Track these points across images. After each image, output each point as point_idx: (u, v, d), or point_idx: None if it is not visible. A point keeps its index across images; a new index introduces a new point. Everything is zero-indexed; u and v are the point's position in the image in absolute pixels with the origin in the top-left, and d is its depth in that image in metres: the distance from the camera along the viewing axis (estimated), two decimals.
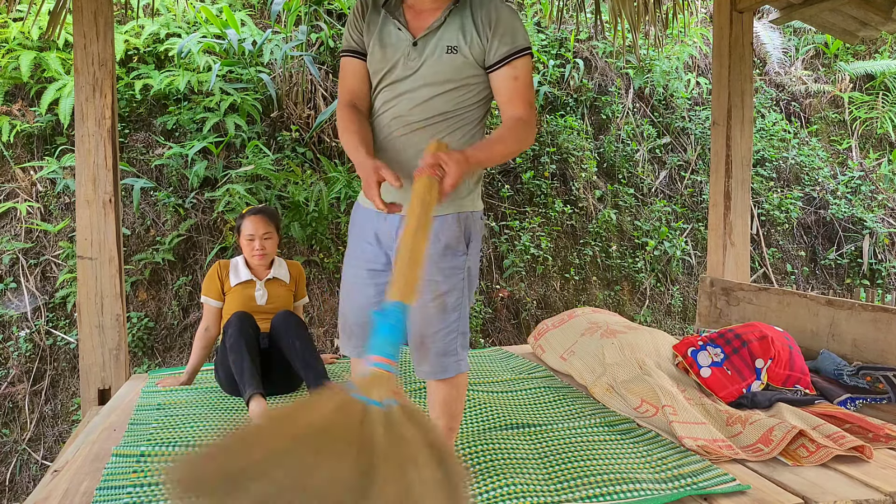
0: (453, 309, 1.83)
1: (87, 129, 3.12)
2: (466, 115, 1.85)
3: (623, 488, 1.87)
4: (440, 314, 1.82)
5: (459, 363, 1.86)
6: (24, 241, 4.37)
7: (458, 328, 1.84)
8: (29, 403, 4.13)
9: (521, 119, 1.79)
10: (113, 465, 2.08)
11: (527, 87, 1.80)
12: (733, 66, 3.88)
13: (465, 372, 1.89)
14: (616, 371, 2.72)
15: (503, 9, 1.79)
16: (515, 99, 1.80)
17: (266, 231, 2.88)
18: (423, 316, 1.83)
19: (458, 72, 1.80)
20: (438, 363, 1.85)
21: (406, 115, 1.83)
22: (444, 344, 1.83)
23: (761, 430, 2.19)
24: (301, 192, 4.61)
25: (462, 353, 1.87)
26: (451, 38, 1.79)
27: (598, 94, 6.20)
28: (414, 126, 1.82)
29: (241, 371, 2.52)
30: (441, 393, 1.89)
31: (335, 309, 4.73)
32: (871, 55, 7.40)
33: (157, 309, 4.44)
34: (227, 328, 2.66)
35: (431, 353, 1.85)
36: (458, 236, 1.83)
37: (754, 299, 3.45)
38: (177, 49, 4.72)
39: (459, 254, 1.83)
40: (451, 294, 1.82)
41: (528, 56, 1.80)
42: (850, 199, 6.42)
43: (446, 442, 1.75)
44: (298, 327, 2.69)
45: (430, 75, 1.81)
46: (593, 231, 5.56)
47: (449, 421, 1.91)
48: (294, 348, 2.63)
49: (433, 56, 1.79)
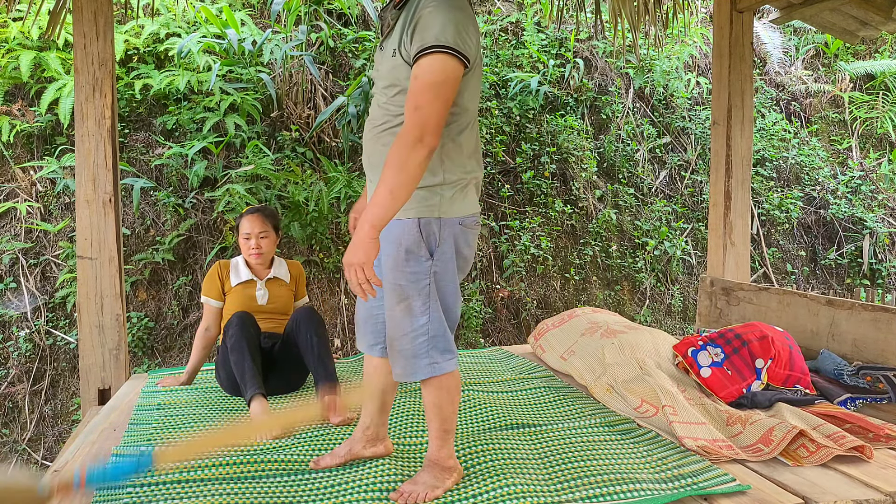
0: (421, 313, 1.82)
1: (86, 128, 3.12)
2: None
3: (623, 488, 1.87)
4: (406, 318, 1.82)
5: (433, 366, 1.84)
6: (24, 240, 4.37)
7: (427, 332, 1.82)
8: (29, 403, 4.13)
9: (406, 138, 1.65)
10: (113, 464, 2.08)
11: (423, 89, 1.64)
12: (733, 66, 3.88)
13: (444, 374, 1.86)
14: (616, 371, 2.72)
15: (428, 5, 1.69)
16: (408, 101, 1.67)
17: (262, 230, 2.88)
18: (390, 319, 1.86)
19: (396, 73, 1.77)
20: (408, 365, 1.85)
21: (370, 119, 1.90)
22: (413, 347, 1.83)
23: (761, 431, 2.19)
24: (301, 191, 4.61)
25: (437, 356, 1.84)
26: (395, 40, 1.78)
27: (598, 94, 6.20)
28: (372, 130, 1.89)
29: (243, 371, 2.52)
30: (428, 396, 1.90)
31: (335, 309, 4.73)
32: (871, 55, 7.40)
33: (156, 309, 4.44)
34: (228, 328, 2.65)
35: (399, 356, 1.86)
36: (419, 242, 1.79)
37: (754, 299, 3.44)
38: (177, 49, 4.72)
39: (423, 259, 1.80)
40: (416, 299, 1.81)
41: (435, 54, 1.64)
42: (850, 198, 6.42)
43: None
44: (319, 325, 2.70)
45: (380, 78, 1.85)
46: (593, 231, 5.56)
47: (441, 423, 1.91)
48: (311, 343, 2.64)
49: (386, 59, 1.82)
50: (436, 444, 1.93)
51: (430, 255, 1.81)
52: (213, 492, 1.89)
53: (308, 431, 2.38)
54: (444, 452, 1.93)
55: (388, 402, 2.12)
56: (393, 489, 1.89)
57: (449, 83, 1.66)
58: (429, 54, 1.65)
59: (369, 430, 2.11)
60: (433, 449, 1.94)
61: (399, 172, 1.65)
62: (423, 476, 1.91)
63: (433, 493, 1.85)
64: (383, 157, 1.75)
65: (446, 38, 1.64)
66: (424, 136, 1.65)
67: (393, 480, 1.94)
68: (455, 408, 1.92)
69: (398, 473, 1.99)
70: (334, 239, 4.84)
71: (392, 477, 1.95)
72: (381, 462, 2.06)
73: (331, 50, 5.39)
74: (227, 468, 2.02)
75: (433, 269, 1.82)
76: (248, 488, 1.91)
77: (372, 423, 2.11)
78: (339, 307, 4.73)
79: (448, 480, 1.90)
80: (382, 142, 1.84)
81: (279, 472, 2.03)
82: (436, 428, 1.92)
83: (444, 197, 1.81)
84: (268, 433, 2.30)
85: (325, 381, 2.57)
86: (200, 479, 1.97)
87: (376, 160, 1.86)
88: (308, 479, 1.99)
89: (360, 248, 1.67)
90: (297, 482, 1.97)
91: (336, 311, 4.73)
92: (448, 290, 1.86)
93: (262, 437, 2.30)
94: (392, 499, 1.85)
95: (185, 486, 1.92)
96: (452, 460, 1.95)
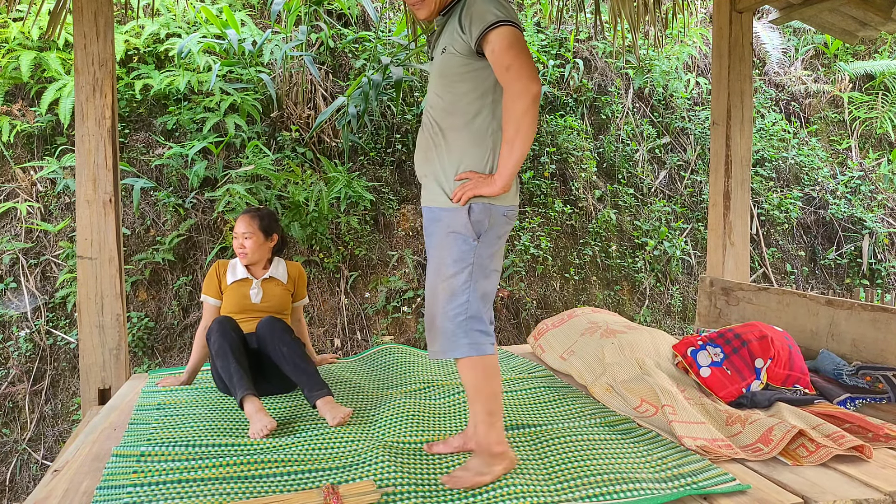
0: (462, 292, 1.92)
1: (87, 129, 3.12)
2: (462, 104, 1.95)
3: (623, 488, 1.87)
4: (447, 296, 1.93)
5: (472, 346, 1.91)
6: (24, 241, 4.37)
7: (466, 311, 1.92)
8: (29, 403, 4.13)
9: (508, 94, 1.85)
10: (113, 464, 2.08)
11: (503, 52, 1.84)
12: (733, 67, 3.88)
13: (482, 356, 1.93)
14: (616, 371, 2.72)
15: (475, 2, 1.90)
16: (498, 70, 1.86)
17: (246, 230, 2.89)
18: (433, 297, 1.96)
19: (447, 64, 1.96)
20: (447, 342, 1.93)
21: (425, 126, 2.07)
22: (454, 325, 1.92)
23: (761, 430, 2.19)
24: (301, 192, 4.61)
25: (477, 336, 1.92)
26: (444, 40, 1.99)
27: (598, 95, 6.20)
28: (430, 129, 2.04)
29: (230, 375, 2.51)
30: (467, 377, 1.96)
31: (335, 309, 4.73)
32: (870, 55, 7.40)
33: (157, 309, 4.44)
34: (210, 335, 2.64)
35: (440, 334, 1.94)
36: (467, 225, 1.92)
37: (754, 299, 3.45)
38: (177, 49, 4.72)
39: (470, 240, 1.93)
40: (458, 278, 1.92)
41: (500, 27, 1.84)
42: (849, 198, 6.42)
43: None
44: (283, 332, 2.67)
45: (432, 83, 2.04)
46: (593, 231, 5.57)
47: (483, 405, 1.95)
48: (281, 354, 2.62)
49: (436, 62, 2.03)
50: (482, 428, 1.96)
51: (476, 237, 1.93)
52: (212, 492, 1.89)
53: (307, 431, 2.38)
54: (491, 437, 1.95)
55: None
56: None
57: (521, 42, 1.86)
58: (495, 28, 1.84)
59: None
60: (481, 434, 1.96)
61: (513, 125, 1.85)
62: (472, 462, 1.95)
63: (480, 479, 1.88)
64: (439, 143, 1.97)
65: (504, 14, 1.86)
66: (526, 84, 1.82)
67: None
68: (497, 390, 1.97)
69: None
70: (334, 239, 4.84)
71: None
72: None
73: (331, 50, 5.39)
74: (227, 468, 2.03)
75: (478, 251, 1.94)
76: (247, 488, 1.92)
77: None
78: (339, 307, 4.74)
79: (497, 467, 1.92)
80: (448, 124, 1.97)
81: (279, 471, 2.03)
82: (479, 411, 1.96)
83: None
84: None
85: (310, 386, 2.56)
86: (200, 478, 1.97)
87: (428, 155, 2.03)
88: (308, 479, 1.99)
89: (494, 188, 1.89)
90: (297, 482, 1.97)
91: (336, 311, 4.73)
92: (488, 274, 1.97)
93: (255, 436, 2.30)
94: (442, 481, 1.91)
95: (185, 486, 1.93)
96: (502, 446, 1.96)
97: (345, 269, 4.82)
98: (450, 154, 1.97)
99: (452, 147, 1.97)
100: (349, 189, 4.72)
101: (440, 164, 1.99)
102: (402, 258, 4.93)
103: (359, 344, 4.67)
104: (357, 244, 4.87)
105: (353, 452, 2.16)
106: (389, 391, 2.88)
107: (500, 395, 1.99)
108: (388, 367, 3.23)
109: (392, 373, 3.15)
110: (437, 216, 1.98)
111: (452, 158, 1.97)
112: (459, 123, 1.95)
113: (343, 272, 4.82)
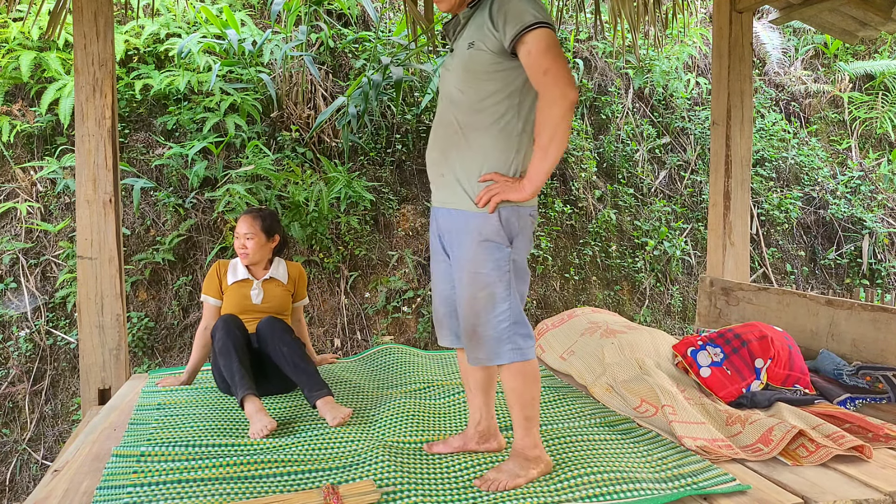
0: (503, 299, 1.91)
1: (87, 129, 3.12)
2: (489, 104, 1.90)
3: (623, 488, 1.87)
4: (490, 304, 1.91)
5: (516, 351, 1.92)
6: (24, 241, 4.37)
7: (509, 317, 1.91)
8: (29, 403, 4.13)
9: (545, 99, 1.81)
10: (113, 464, 2.08)
11: (540, 56, 1.80)
12: (733, 67, 3.88)
13: (525, 361, 1.93)
14: (616, 371, 2.73)
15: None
16: (533, 73, 1.83)
17: (248, 231, 2.88)
18: (472, 307, 1.92)
19: (474, 60, 1.90)
20: (491, 350, 1.92)
21: (440, 123, 2.02)
22: (497, 332, 1.91)
23: (761, 430, 2.19)
24: (301, 192, 4.61)
25: (520, 341, 1.92)
26: (470, 35, 1.93)
27: (598, 94, 6.20)
28: (445, 128, 1.99)
29: (232, 374, 2.52)
30: (508, 382, 1.96)
31: (335, 309, 4.73)
32: (870, 55, 7.40)
33: (157, 309, 4.44)
34: (215, 332, 2.65)
35: (483, 341, 1.93)
36: (499, 230, 1.90)
37: (754, 299, 3.45)
38: (177, 49, 4.72)
39: (504, 246, 1.91)
40: (498, 285, 1.91)
41: (537, 29, 1.80)
42: (849, 198, 6.42)
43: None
44: (283, 332, 2.68)
45: (451, 76, 1.97)
46: (593, 231, 5.57)
47: (522, 409, 1.95)
48: (281, 354, 2.63)
49: (458, 55, 1.96)
50: (519, 432, 1.97)
51: (509, 242, 1.92)
52: (212, 492, 1.89)
53: (307, 431, 2.38)
54: (528, 441, 1.96)
55: (492, 394, 2.18)
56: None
57: (558, 46, 1.82)
58: (532, 30, 1.80)
59: (480, 424, 2.16)
60: (517, 438, 1.98)
61: (548, 131, 1.81)
62: (507, 464, 1.95)
63: (514, 481, 1.89)
64: (459, 142, 1.93)
65: (542, 16, 1.82)
66: (564, 90, 1.79)
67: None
68: (536, 395, 1.97)
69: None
70: (334, 239, 4.84)
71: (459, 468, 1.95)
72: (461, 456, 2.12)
73: (331, 50, 5.39)
74: (227, 468, 2.03)
75: (512, 256, 1.92)
76: (247, 488, 1.92)
77: (482, 418, 2.16)
78: (338, 307, 4.74)
79: (532, 470, 1.93)
80: (471, 122, 1.92)
81: (279, 471, 2.03)
82: (517, 415, 1.96)
83: None
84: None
85: (310, 386, 2.56)
86: (200, 479, 1.97)
87: (446, 153, 1.99)
88: (308, 479, 1.99)
89: (523, 194, 1.87)
90: (297, 482, 1.97)
91: (336, 311, 4.73)
92: (522, 277, 1.97)
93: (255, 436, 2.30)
94: (476, 485, 1.91)
95: (185, 486, 1.93)
96: (538, 450, 1.97)
97: (345, 269, 4.82)
98: (472, 154, 1.92)
99: (475, 147, 1.91)
100: (349, 189, 4.72)
101: (461, 163, 1.94)
102: (402, 258, 4.93)
103: (359, 344, 4.67)
104: (357, 244, 4.87)
105: (353, 452, 2.16)
106: (389, 391, 2.88)
107: (539, 399, 1.99)
108: (388, 367, 3.23)
109: (392, 373, 3.15)
110: (463, 222, 1.93)
111: (475, 159, 1.91)
112: (484, 123, 1.90)
113: (343, 272, 4.82)
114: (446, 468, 2.05)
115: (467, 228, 1.92)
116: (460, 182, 1.94)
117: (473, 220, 1.91)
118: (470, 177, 1.92)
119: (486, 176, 1.90)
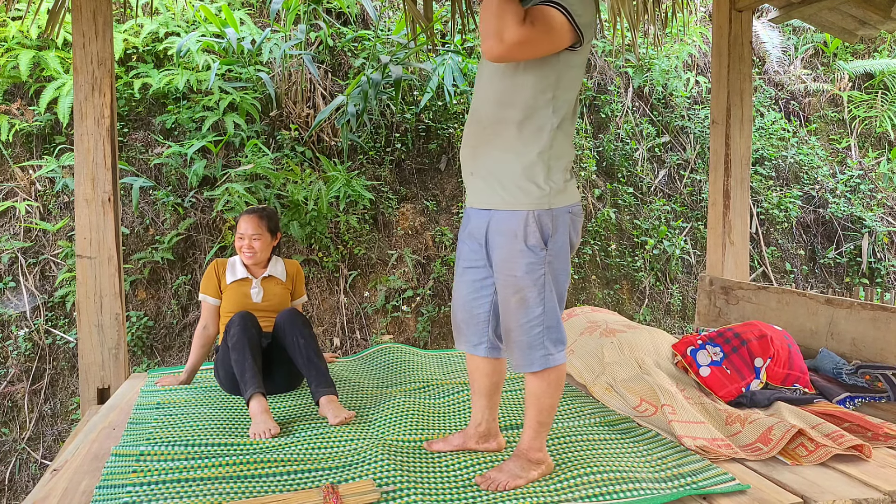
0: (536, 304, 1.86)
1: (86, 128, 3.12)
2: (521, 97, 1.82)
3: (623, 488, 1.87)
4: (521, 309, 1.87)
5: (547, 358, 1.89)
6: (23, 240, 4.36)
7: (542, 322, 1.87)
8: (28, 402, 4.13)
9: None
10: (112, 464, 2.08)
11: (535, 20, 1.69)
12: (732, 65, 3.88)
13: (555, 366, 1.90)
14: (615, 370, 2.72)
15: None
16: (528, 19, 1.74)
17: (255, 232, 2.88)
18: (506, 310, 1.90)
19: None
20: (524, 356, 1.90)
21: (474, 120, 1.94)
22: (529, 338, 1.88)
23: (760, 430, 2.19)
24: (300, 191, 4.61)
25: (551, 347, 1.89)
26: None
27: (598, 93, 6.20)
28: (479, 123, 1.92)
29: (243, 370, 2.52)
30: (531, 385, 1.94)
31: (334, 308, 4.73)
32: (870, 54, 7.40)
33: (156, 308, 4.44)
34: (230, 327, 2.65)
35: (516, 347, 1.90)
36: (534, 233, 1.84)
37: (753, 298, 3.45)
38: (176, 48, 4.72)
39: (538, 250, 1.84)
40: (531, 290, 1.86)
41: (546, 6, 1.70)
42: (849, 197, 6.42)
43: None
44: (304, 325, 2.69)
45: (483, 72, 1.91)
46: (592, 230, 5.57)
47: (537, 414, 1.94)
48: (298, 345, 2.63)
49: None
50: (528, 434, 1.96)
51: (544, 245, 1.85)
52: (212, 491, 1.89)
53: (307, 431, 2.38)
54: (535, 444, 1.95)
55: (497, 399, 2.16)
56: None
57: (553, 22, 1.70)
58: (542, 5, 1.71)
59: (481, 426, 2.15)
60: (525, 439, 1.97)
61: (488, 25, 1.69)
62: (509, 464, 1.95)
63: (514, 482, 1.88)
64: (490, 138, 1.85)
65: (565, 1, 1.71)
66: (504, 32, 1.66)
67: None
68: (555, 403, 1.95)
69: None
70: (333, 238, 4.84)
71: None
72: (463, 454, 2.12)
73: (330, 49, 5.39)
74: (226, 468, 2.03)
75: (547, 259, 1.87)
76: (247, 488, 1.91)
77: (483, 420, 2.15)
78: (338, 306, 4.74)
79: (533, 472, 1.93)
80: (501, 116, 1.85)
81: (278, 471, 2.03)
82: (531, 418, 1.95)
83: (553, 188, 1.85)
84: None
85: (318, 381, 2.57)
86: (200, 478, 1.97)
87: (476, 150, 1.92)
88: (308, 478, 1.99)
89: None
90: (296, 482, 1.97)
91: (335, 310, 4.73)
92: (561, 279, 1.91)
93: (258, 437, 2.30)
94: (476, 482, 1.91)
95: (184, 486, 1.92)
96: (542, 453, 1.97)
97: (344, 268, 4.82)
98: (503, 151, 1.85)
99: (504, 143, 1.85)
100: (348, 188, 4.72)
101: (490, 160, 1.88)
102: (401, 257, 4.93)
103: (358, 343, 4.67)
104: (356, 243, 4.86)
105: (353, 452, 2.16)
106: (389, 390, 2.88)
107: (556, 408, 1.98)
108: (388, 367, 3.23)
109: (391, 372, 3.15)
110: (494, 222, 1.88)
111: (505, 156, 1.85)
112: (516, 118, 1.82)
113: (342, 271, 4.81)
114: (446, 468, 2.05)
115: (499, 229, 1.87)
116: (487, 180, 1.88)
117: (510, 221, 1.85)
118: (497, 174, 1.86)
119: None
